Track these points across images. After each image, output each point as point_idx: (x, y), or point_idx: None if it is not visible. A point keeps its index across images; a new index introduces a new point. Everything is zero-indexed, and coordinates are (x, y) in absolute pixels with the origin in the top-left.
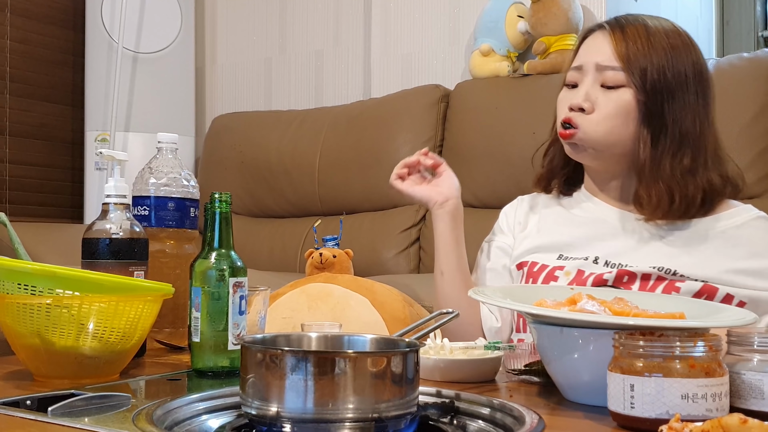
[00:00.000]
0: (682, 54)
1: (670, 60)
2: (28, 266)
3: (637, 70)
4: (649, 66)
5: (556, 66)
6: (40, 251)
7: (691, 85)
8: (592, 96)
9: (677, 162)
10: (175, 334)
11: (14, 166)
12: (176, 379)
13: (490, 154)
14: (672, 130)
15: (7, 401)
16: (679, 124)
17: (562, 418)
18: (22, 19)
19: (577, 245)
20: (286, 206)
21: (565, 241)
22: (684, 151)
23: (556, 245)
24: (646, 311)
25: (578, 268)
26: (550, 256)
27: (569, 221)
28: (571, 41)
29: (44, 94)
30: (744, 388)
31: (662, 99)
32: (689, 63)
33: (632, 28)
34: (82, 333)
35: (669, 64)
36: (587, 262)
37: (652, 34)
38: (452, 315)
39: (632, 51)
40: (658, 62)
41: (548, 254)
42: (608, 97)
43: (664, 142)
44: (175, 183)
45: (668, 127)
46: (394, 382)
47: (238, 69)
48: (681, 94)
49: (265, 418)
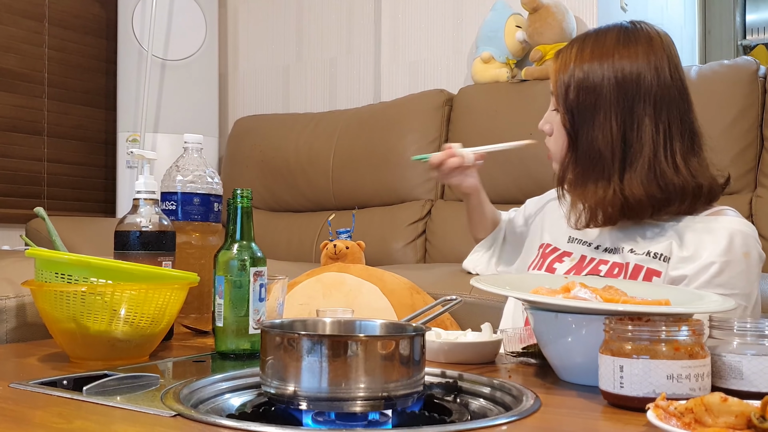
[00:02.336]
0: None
1: (588, 77)
2: (64, 257)
3: (561, 96)
4: (567, 88)
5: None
6: (76, 243)
7: (606, 97)
8: (549, 119)
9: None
10: (200, 320)
11: (52, 164)
12: (201, 360)
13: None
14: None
15: (45, 381)
16: (592, 141)
17: (557, 396)
18: (59, 29)
19: (584, 232)
20: (303, 201)
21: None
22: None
23: (565, 229)
24: (634, 298)
25: (582, 253)
26: (562, 237)
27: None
28: None
29: (79, 98)
30: (724, 369)
31: (576, 120)
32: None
33: (566, 52)
34: (115, 318)
35: (586, 82)
36: (590, 248)
37: (580, 52)
38: (455, 302)
39: (559, 74)
40: (575, 82)
41: (560, 234)
42: (556, 120)
43: (584, 159)
44: (200, 180)
45: (583, 144)
46: (401, 363)
47: (258, 75)
48: (595, 111)
49: (283, 396)
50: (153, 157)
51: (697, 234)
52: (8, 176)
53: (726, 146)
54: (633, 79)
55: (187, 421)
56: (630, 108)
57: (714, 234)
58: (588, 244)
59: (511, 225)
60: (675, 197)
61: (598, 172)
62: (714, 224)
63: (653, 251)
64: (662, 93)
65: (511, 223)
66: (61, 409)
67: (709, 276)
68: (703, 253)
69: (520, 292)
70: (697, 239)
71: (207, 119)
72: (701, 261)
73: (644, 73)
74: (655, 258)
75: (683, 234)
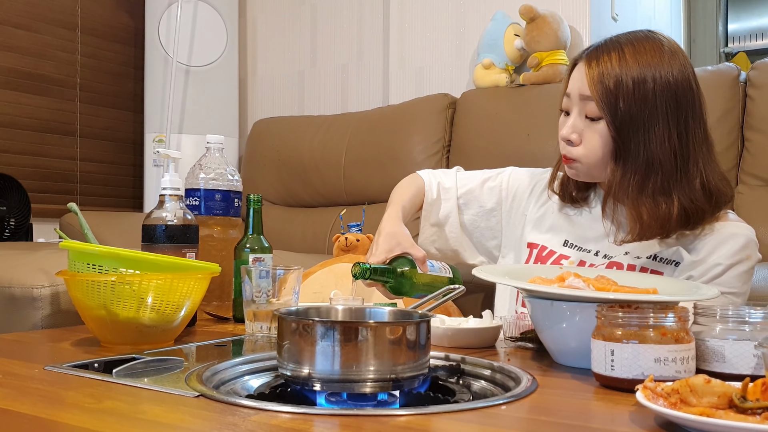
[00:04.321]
0: (651, 76)
1: (638, 88)
2: (95, 249)
3: (609, 104)
4: (617, 99)
5: (548, 77)
6: (106, 236)
7: (661, 110)
8: (578, 127)
9: (646, 185)
10: (222, 307)
11: (84, 163)
12: (222, 345)
13: (490, 153)
14: (638, 157)
15: (78, 364)
16: (647, 151)
17: (553, 378)
18: (90, 37)
19: (583, 237)
20: (317, 197)
21: (574, 232)
22: (652, 175)
23: (563, 232)
24: (624, 287)
25: (581, 258)
26: (557, 241)
27: (579, 213)
28: (560, 56)
29: (109, 101)
30: (708, 353)
31: (629, 130)
32: (660, 85)
33: (605, 57)
34: (142, 306)
35: (637, 93)
36: (590, 254)
37: (623, 61)
38: (458, 290)
39: (604, 84)
40: (625, 93)
41: (555, 238)
42: (593, 129)
43: (633, 168)
44: (221, 177)
45: (635, 155)
46: (408, 347)
47: (275, 80)
48: (649, 122)
49: (299, 378)
50: (178, 156)
51: (704, 238)
52: (44, 174)
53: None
54: (685, 87)
55: (210, 401)
56: (684, 117)
57: (723, 238)
58: (587, 251)
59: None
60: (721, 205)
61: (656, 184)
62: (723, 229)
63: (661, 255)
64: (699, 102)
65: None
66: (92, 390)
67: (711, 276)
68: (712, 257)
69: (519, 281)
70: (706, 244)
71: (228, 121)
72: (708, 263)
73: (691, 81)
74: (661, 262)
75: (692, 238)
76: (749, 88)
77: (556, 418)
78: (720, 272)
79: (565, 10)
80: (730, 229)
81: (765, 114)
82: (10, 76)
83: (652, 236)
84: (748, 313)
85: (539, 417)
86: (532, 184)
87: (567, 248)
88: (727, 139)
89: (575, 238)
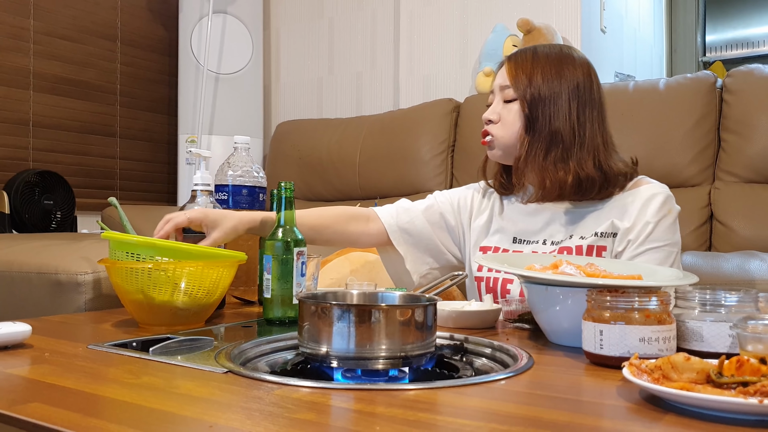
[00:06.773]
0: (557, 71)
1: (545, 76)
2: (134, 239)
3: (521, 87)
4: (529, 83)
5: None
6: (143, 227)
7: (564, 95)
8: (497, 110)
9: (549, 153)
10: (248, 291)
11: (123, 161)
12: (248, 326)
13: None
14: (544, 129)
15: (118, 343)
16: (551, 124)
17: (547, 356)
18: (129, 47)
19: (529, 231)
20: (333, 192)
21: (519, 228)
22: (554, 145)
23: (510, 231)
24: (612, 273)
25: (532, 250)
26: (506, 239)
27: (519, 211)
28: None
29: (146, 105)
30: (688, 333)
31: (538, 106)
32: (565, 78)
33: (521, 56)
34: (176, 290)
35: (545, 80)
36: (539, 245)
37: (536, 59)
38: (462, 276)
39: (519, 73)
40: (535, 79)
41: (504, 237)
42: (508, 109)
43: (538, 139)
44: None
45: (542, 127)
46: (417, 328)
47: (296, 86)
48: (553, 102)
49: (317, 356)
50: (208, 155)
51: (631, 205)
52: (87, 171)
53: (689, 146)
54: (587, 84)
55: (237, 376)
56: (584, 103)
57: (644, 201)
58: (536, 242)
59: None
60: (613, 179)
61: (557, 154)
62: (641, 194)
63: (599, 231)
64: (599, 97)
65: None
66: (131, 367)
67: (646, 234)
68: (641, 219)
69: (516, 268)
70: (633, 209)
71: (253, 123)
72: (640, 225)
73: (592, 79)
74: (602, 236)
75: (620, 209)
76: (725, 94)
77: (551, 391)
78: (651, 230)
79: (558, 23)
80: (649, 191)
81: (739, 117)
82: (57, 82)
83: (551, 198)
84: (724, 297)
85: (535, 391)
86: (469, 196)
87: (517, 244)
88: (705, 140)
89: (522, 233)
